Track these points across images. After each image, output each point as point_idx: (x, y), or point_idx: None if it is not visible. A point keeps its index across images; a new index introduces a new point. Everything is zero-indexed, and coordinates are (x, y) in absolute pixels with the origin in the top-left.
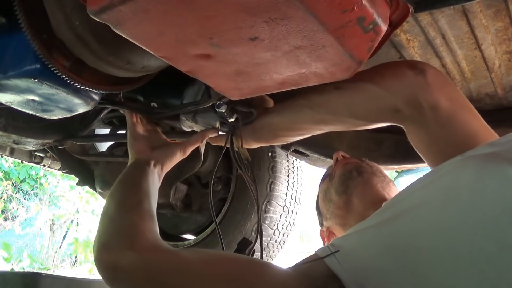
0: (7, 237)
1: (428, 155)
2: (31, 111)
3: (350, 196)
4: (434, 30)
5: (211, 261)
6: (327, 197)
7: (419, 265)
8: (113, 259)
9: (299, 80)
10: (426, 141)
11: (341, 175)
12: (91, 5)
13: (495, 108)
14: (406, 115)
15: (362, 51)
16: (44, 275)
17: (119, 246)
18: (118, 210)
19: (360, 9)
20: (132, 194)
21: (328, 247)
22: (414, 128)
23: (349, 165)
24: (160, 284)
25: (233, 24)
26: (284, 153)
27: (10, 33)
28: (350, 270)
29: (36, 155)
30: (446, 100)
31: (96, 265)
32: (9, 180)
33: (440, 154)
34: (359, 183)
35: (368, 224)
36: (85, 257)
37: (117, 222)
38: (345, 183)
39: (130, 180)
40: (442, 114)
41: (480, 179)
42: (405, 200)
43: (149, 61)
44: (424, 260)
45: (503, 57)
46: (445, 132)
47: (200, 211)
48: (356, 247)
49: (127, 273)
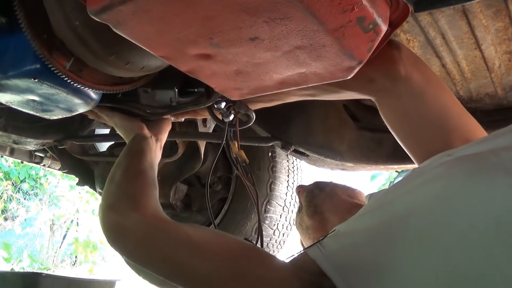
0: (7, 237)
1: (400, 131)
2: (31, 111)
3: (322, 214)
4: (434, 30)
5: (211, 238)
6: (304, 227)
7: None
8: (118, 219)
9: (299, 80)
10: (399, 113)
11: (305, 198)
12: (91, 5)
13: (495, 108)
14: (380, 86)
15: (362, 51)
16: (44, 275)
17: (124, 207)
18: (124, 177)
19: (360, 9)
20: (137, 163)
21: (317, 245)
22: (388, 100)
23: (309, 187)
24: (157, 251)
25: (233, 24)
26: (284, 153)
27: (10, 33)
28: (338, 266)
29: (36, 155)
30: (418, 74)
31: (102, 226)
32: (9, 180)
33: (412, 128)
34: (325, 197)
35: (358, 226)
36: (85, 257)
37: (123, 186)
38: (311, 203)
39: (135, 151)
40: (415, 87)
41: (468, 192)
42: (395, 203)
43: (149, 61)
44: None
45: (503, 57)
46: (417, 105)
47: (200, 211)
48: (345, 246)
49: (130, 234)
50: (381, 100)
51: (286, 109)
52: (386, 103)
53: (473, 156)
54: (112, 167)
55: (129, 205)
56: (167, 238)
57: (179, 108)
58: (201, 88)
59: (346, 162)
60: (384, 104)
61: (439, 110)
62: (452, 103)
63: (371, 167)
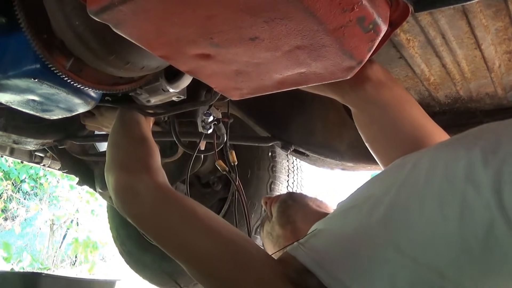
0: (7, 237)
1: (369, 141)
2: (31, 111)
3: (294, 224)
4: (434, 30)
5: (215, 217)
6: (274, 236)
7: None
8: (131, 181)
9: (299, 80)
10: (367, 127)
11: (278, 208)
12: (91, 5)
13: (495, 108)
14: (351, 99)
15: (362, 51)
16: (44, 275)
17: (137, 169)
18: (129, 142)
19: (360, 9)
20: (138, 130)
21: (297, 244)
22: (357, 113)
23: (282, 197)
24: (163, 218)
25: (233, 24)
26: (284, 153)
27: (10, 33)
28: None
29: (36, 155)
30: (386, 91)
31: (112, 187)
32: (9, 180)
33: (378, 141)
34: (298, 208)
35: (337, 222)
36: (85, 257)
37: (130, 151)
38: (285, 214)
39: (132, 120)
40: (381, 103)
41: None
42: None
43: (149, 61)
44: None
45: (503, 57)
46: (384, 120)
47: None
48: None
49: (141, 197)
50: (353, 112)
51: (286, 109)
52: (356, 115)
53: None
54: (110, 134)
55: (141, 166)
56: (174, 208)
57: (178, 109)
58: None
59: (346, 162)
60: (355, 115)
61: (407, 126)
62: (423, 120)
63: (371, 167)
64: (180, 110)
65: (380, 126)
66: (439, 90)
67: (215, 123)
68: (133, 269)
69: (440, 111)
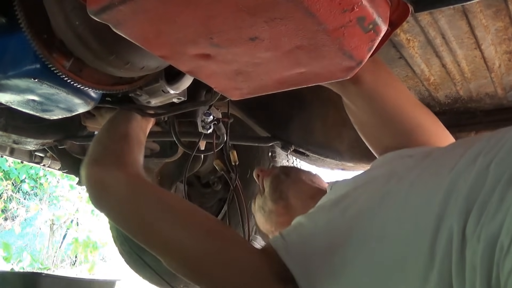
0: (7, 237)
1: (357, 127)
2: (31, 111)
3: (287, 199)
4: (434, 30)
5: (192, 209)
6: (266, 210)
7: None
8: (101, 175)
9: (299, 80)
10: (353, 112)
11: (271, 183)
12: (91, 5)
13: (495, 108)
14: (338, 87)
15: (362, 51)
16: (44, 275)
17: (108, 163)
18: (109, 138)
19: (360, 9)
20: (123, 127)
21: (280, 236)
22: (345, 100)
23: (275, 171)
24: (137, 214)
25: (233, 24)
26: (284, 153)
27: (10, 33)
28: (297, 255)
29: (36, 155)
30: (371, 76)
31: (86, 181)
32: (9, 180)
33: (364, 127)
34: (290, 183)
35: (317, 218)
36: (85, 257)
37: (108, 145)
38: (277, 188)
39: (121, 117)
40: (365, 89)
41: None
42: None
43: (149, 61)
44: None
45: (503, 57)
46: (368, 106)
47: None
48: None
49: (112, 191)
50: (343, 99)
51: (286, 108)
52: (345, 102)
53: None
54: (99, 131)
55: (114, 162)
56: (148, 202)
57: (178, 109)
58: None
59: (346, 162)
60: (344, 103)
61: (392, 111)
62: (410, 104)
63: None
64: (180, 111)
65: (364, 113)
66: (439, 90)
67: (215, 123)
68: (133, 269)
69: (440, 111)
